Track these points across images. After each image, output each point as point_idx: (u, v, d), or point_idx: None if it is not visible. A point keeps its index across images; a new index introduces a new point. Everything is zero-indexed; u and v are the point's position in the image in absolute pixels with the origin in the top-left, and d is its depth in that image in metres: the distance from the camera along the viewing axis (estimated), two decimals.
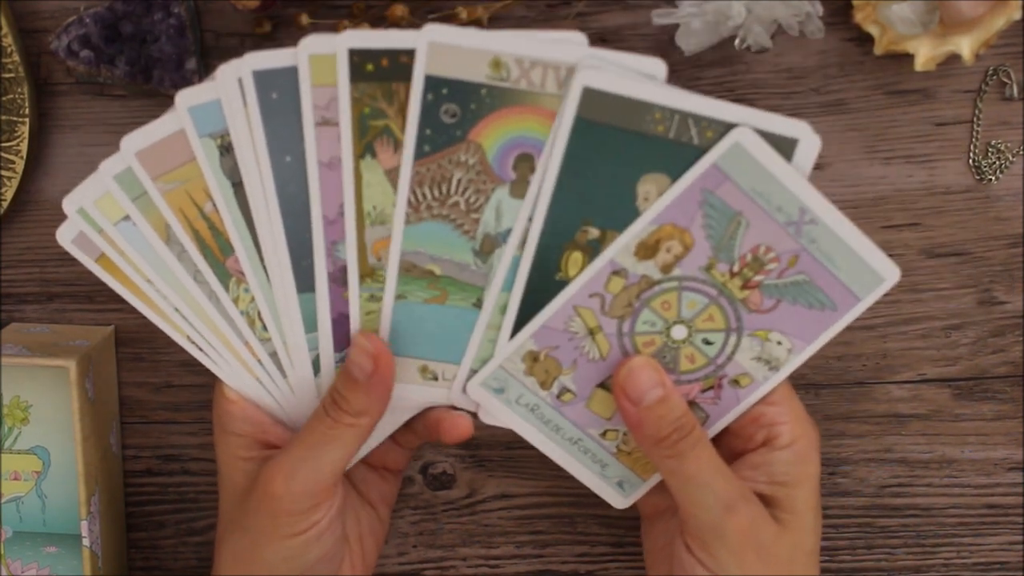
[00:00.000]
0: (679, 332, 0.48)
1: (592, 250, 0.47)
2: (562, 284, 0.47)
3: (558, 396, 0.49)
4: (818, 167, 0.55)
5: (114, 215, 0.48)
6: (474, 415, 0.50)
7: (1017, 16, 0.50)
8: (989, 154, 0.55)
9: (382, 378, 0.47)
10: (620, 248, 0.46)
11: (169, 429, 0.58)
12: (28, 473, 0.55)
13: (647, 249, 0.46)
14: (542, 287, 0.47)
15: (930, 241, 0.55)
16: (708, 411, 0.49)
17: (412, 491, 0.58)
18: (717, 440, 0.49)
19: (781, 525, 0.47)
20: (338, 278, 0.48)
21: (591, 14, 0.54)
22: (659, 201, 0.46)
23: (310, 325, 0.49)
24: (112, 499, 0.56)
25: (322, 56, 0.46)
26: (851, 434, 0.57)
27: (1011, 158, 0.55)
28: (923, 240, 0.55)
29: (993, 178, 0.55)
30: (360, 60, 0.46)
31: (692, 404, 0.49)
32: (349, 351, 0.48)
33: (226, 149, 0.47)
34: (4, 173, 0.54)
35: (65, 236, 0.48)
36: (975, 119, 0.55)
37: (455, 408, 0.50)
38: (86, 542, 0.53)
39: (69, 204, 0.48)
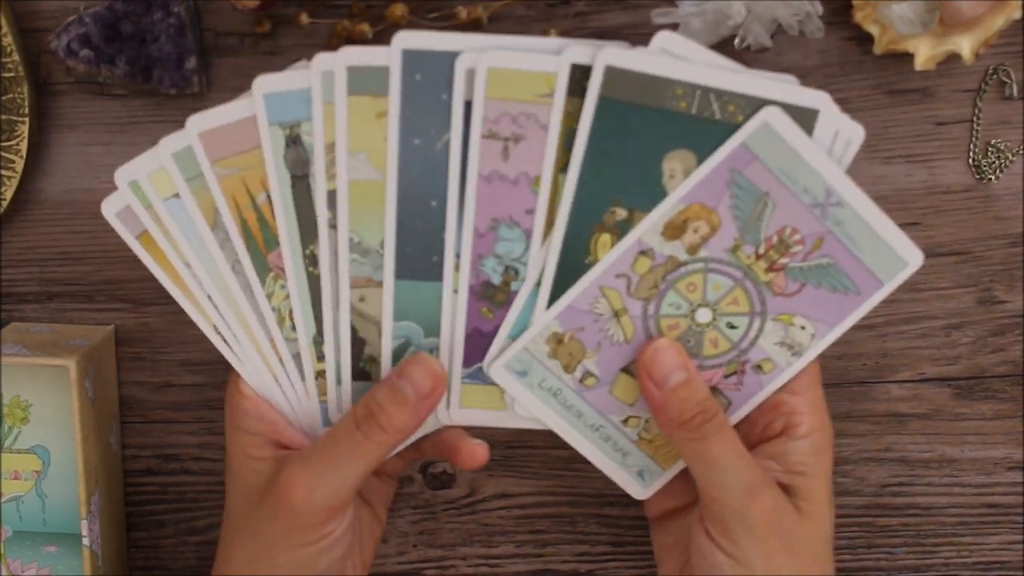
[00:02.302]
0: (704, 315, 0.48)
1: (620, 231, 0.47)
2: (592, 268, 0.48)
3: (581, 380, 0.49)
4: None
5: (165, 191, 0.48)
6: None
7: (1017, 16, 0.50)
8: (989, 153, 0.55)
9: (432, 404, 0.47)
10: (648, 227, 0.47)
11: (169, 429, 0.58)
12: (28, 473, 0.55)
13: (674, 229, 0.47)
14: (572, 271, 0.47)
15: (930, 240, 0.55)
16: (730, 397, 0.49)
17: (412, 491, 0.58)
18: (735, 428, 0.49)
19: (801, 513, 0.47)
20: (478, 292, 0.48)
21: (591, 14, 0.54)
22: (687, 180, 0.46)
23: (400, 314, 0.48)
24: (112, 499, 0.56)
25: (502, 71, 0.46)
26: (851, 433, 0.57)
27: (1011, 157, 0.55)
28: (923, 239, 0.55)
29: (993, 177, 0.55)
30: (580, 76, 0.46)
31: (714, 390, 0.49)
32: (405, 368, 0.47)
33: (293, 140, 0.47)
34: (4, 173, 0.54)
35: (110, 208, 0.48)
36: (975, 118, 0.55)
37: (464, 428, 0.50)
38: (86, 542, 0.53)
39: (121, 176, 0.47)
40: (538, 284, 0.48)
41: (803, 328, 0.48)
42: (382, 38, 0.54)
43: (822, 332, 0.48)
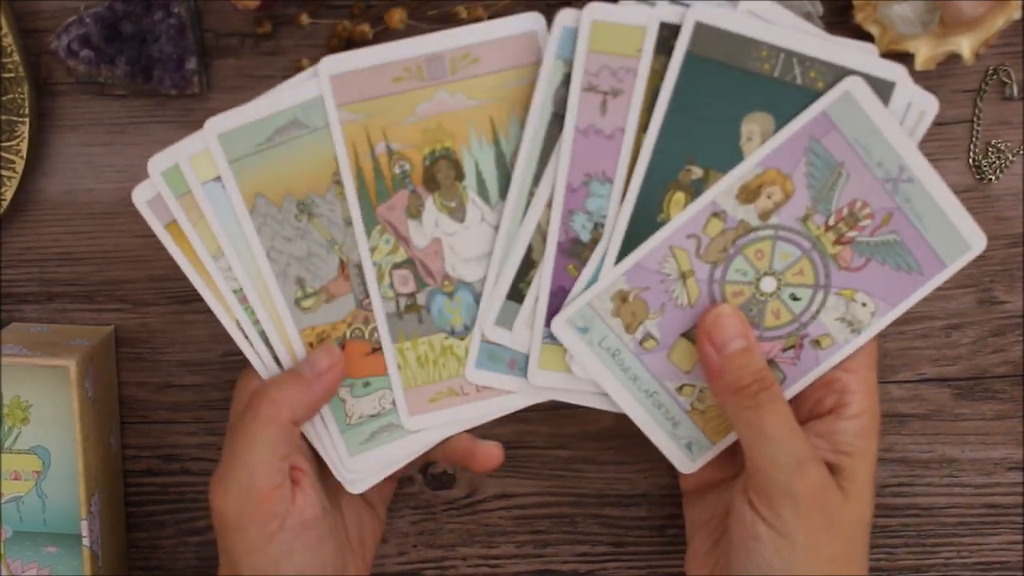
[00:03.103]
0: (768, 284, 0.48)
1: (695, 191, 0.47)
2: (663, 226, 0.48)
3: (641, 342, 0.49)
4: None
5: (205, 174, 0.48)
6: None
7: (1017, 16, 0.50)
8: (989, 154, 0.55)
9: (325, 381, 0.48)
10: (723, 189, 0.47)
11: (169, 429, 0.58)
12: (28, 473, 0.55)
13: (749, 193, 0.47)
14: (644, 228, 0.48)
15: None
16: (786, 372, 0.49)
17: (412, 491, 0.58)
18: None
19: (844, 493, 0.46)
20: (566, 249, 0.48)
21: None
22: (766, 144, 0.47)
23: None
24: (112, 499, 0.56)
25: (605, 24, 0.46)
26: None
27: (1011, 158, 0.55)
28: None
29: (993, 178, 0.55)
30: (668, 35, 0.46)
31: (771, 363, 0.49)
32: (311, 352, 0.48)
33: (566, 80, 0.47)
34: (4, 173, 0.54)
35: (141, 197, 0.48)
36: (975, 119, 0.55)
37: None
38: (86, 542, 0.53)
39: (154, 165, 0.48)
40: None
41: (864, 305, 0.48)
42: (382, 39, 0.54)
43: (883, 311, 0.48)
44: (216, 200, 0.48)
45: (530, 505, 0.58)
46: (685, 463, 0.51)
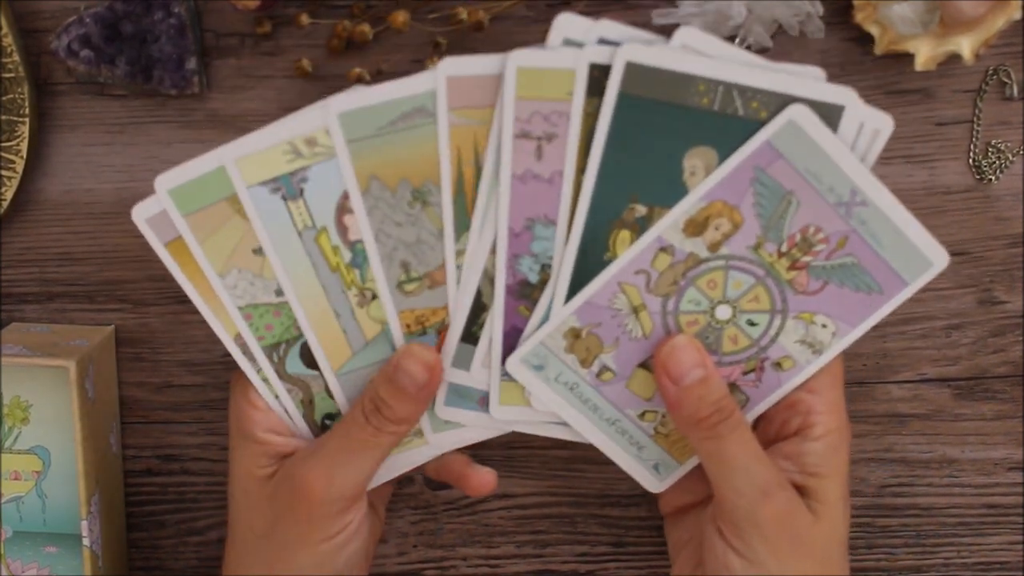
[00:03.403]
0: (723, 312, 0.48)
1: (640, 227, 0.47)
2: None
3: (598, 375, 0.49)
4: None
5: (258, 176, 0.47)
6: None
7: (1017, 16, 0.50)
8: (989, 154, 0.55)
9: (432, 391, 0.48)
10: (668, 224, 0.46)
11: (169, 429, 0.58)
12: (28, 473, 0.55)
13: (696, 226, 0.46)
14: (591, 267, 0.47)
15: None
16: (749, 394, 0.49)
17: (412, 491, 0.58)
18: (752, 425, 0.49)
19: (815, 515, 0.46)
20: (515, 291, 0.48)
21: (591, 14, 0.54)
22: (710, 177, 0.46)
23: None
24: (112, 499, 0.56)
25: (532, 70, 0.46)
26: (851, 434, 0.57)
27: (1011, 158, 0.55)
28: None
29: (993, 178, 0.55)
30: (599, 75, 0.46)
31: (733, 386, 0.49)
32: (400, 362, 0.47)
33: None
34: (4, 173, 0.54)
35: (140, 214, 0.48)
36: (975, 119, 0.55)
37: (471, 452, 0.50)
38: (86, 542, 0.53)
39: (162, 183, 0.47)
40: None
41: (824, 327, 0.48)
42: (382, 39, 0.54)
43: (844, 331, 0.48)
44: (262, 202, 0.48)
45: (530, 505, 0.58)
46: (653, 483, 0.51)
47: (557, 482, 0.58)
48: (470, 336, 0.49)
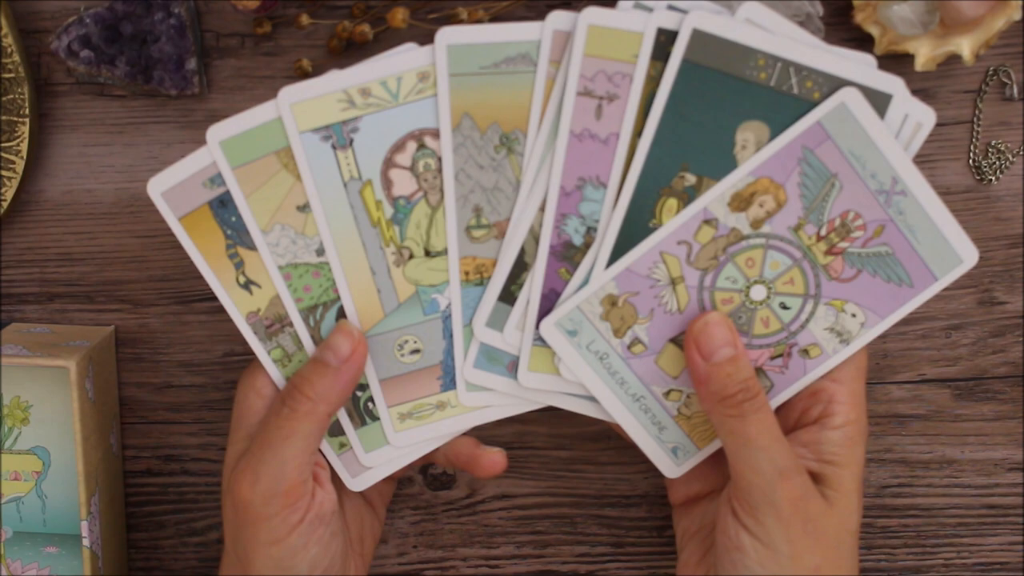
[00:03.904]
0: (758, 292, 0.48)
1: (688, 197, 0.47)
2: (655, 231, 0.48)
3: (629, 346, 0.49)
4: None
5: (310, 123, 0.47)
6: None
7: (1017, 16, 0.50)
8: (989, 154, 0.55)
9: (353, 365, 0.47)
10: (715, 197, 0.47)
11: (169, 429, 0.58)
12: (28, 473, 0.55)
13: (741, 201, 0.47)
14: (636, 233, 0.48)
15: None
16: (774, 380, 0.49)
17: (412, 491, 0.58)
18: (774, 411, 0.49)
19: (828, 502, 0.47)
20: (558, 252, 0.48)
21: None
22: (759, 153, 0.46)
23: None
24: (112, 499, 0.56)
25: (602, 28, 0.46)
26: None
27: (1011, 158, 0.55)
28: None
29: (993, 178, 0.55)
30: (665, 41, 0.46)
31: (759, 371, 0.49)
32: (328, 338, 0.48)
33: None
34: (4, 173, 0.54)
35: (156, 188, 0.48)
36: (975, 119, 0.55)
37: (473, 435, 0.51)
38: (86, 542, 0.53)
39: (214, 134, 0.47)
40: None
41: (854, 316, 0.48)
42: (382, 39, 0.54)
43: (872, 322, 0.48)
44: (312, 149, 0.48)
45: (530, 506, 0.58)
46: (671, 467, 0.51)
47: (557, 482, 0.58)
48: (508, 295, 0.49)
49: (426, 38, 0.52)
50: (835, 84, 0.46)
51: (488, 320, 0.49)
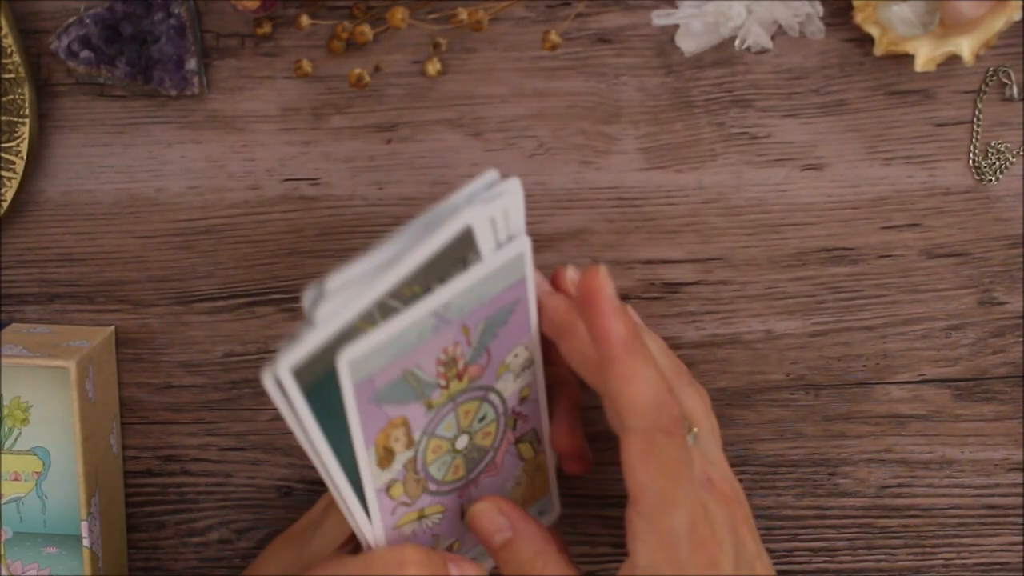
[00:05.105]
0: (461, 444, 0.48)
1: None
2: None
3: (448, 548, 0.51)
4: (818, 167, 0.55)
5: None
6: None
7: (1017, 17, 0.50)
8: (989, 155, 0.55)
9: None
10: (366, 477, 0.44)
11: (169, 429, 0.58)
12: (28, 473, 0.55)
13: (382, 460, 0.45)
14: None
15: (930, 242, 0.55)
16: (529, 419, 0.50)
17: None
18: (566, 422, 0.51)
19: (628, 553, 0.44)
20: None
21: (591, 15, 0.54)
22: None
23: None
24: (112, 499, 0.56)
25: None
26: (851, 435, 0.57)
27: (1011, 159, 0.55)
28: (923, 241, 0.55)
29: (993, 179, 0.55)
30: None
31: (516, 415, 0.49)
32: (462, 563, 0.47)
33: None
34: (4, 173, 0.54)
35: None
36: (975, 120, 0.55)
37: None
38: (86, 542, 0.53)
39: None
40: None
41: (516, 356, 0.48)
42: (382, 40, 0.54)
43: (527, 342, 0.48)
44: None
45: None
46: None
47: (557, 483, 0.58)
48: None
49: (426, 39, 0.52)
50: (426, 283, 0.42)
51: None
